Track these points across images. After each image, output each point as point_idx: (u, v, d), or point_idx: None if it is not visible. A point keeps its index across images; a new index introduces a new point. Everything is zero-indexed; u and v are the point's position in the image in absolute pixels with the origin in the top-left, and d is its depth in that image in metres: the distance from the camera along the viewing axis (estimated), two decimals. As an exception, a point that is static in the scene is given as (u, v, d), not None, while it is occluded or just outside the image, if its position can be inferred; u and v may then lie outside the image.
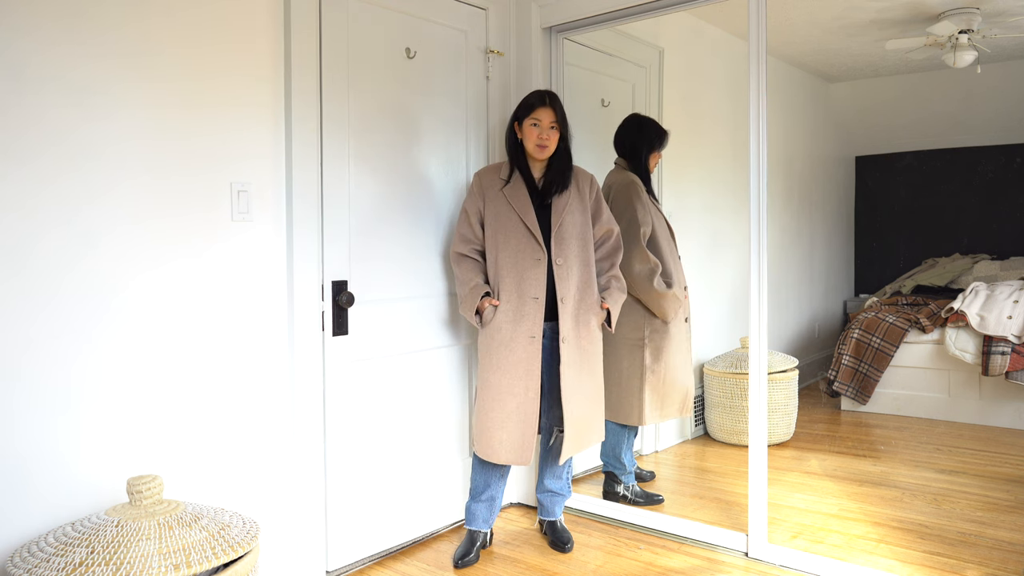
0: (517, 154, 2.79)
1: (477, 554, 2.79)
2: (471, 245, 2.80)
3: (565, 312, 2.71)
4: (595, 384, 2.82)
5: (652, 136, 3.20)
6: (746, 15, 2.70)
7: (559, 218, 2.73)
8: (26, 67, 1.89)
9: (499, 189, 2.77)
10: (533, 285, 2.69)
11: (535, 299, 2.68)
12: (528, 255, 2.70)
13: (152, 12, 2.13)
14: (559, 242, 2.72)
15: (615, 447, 3.20)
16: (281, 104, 2.46)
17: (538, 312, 2.68)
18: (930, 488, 3.36)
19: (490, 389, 2.72)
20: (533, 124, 2.70)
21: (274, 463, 2.48)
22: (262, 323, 2.43)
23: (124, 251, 2.09)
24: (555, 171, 2.76)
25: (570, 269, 2.72)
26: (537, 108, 2.70)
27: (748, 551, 2.77)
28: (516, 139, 2.79)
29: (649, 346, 3.08)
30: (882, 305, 4.94)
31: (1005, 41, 4.79)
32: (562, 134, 2.74)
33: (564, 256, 2.72)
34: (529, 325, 2.68)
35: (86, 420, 2.02)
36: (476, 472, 2.85)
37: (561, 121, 2.73)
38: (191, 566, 1.67)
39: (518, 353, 2.68)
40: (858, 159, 6.10)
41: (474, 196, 2.81)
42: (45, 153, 1.93)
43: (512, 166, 2.79)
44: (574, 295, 2.73)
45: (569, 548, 2.85)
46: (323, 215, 2.57)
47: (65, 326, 1.97)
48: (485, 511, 2.84)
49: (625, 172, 3.16)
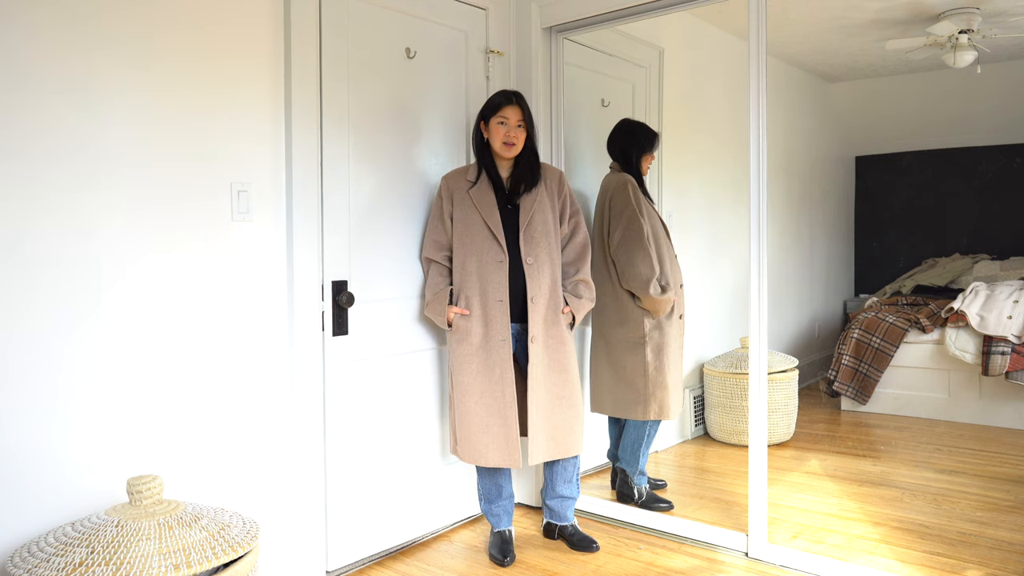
0: (484, 154, 2.78)
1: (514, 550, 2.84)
2: (441, 251, 2.81)
3: (536, 311, 2.70)
4: (568, 383, 2.77)
5: (642, 140, 3.21)
6: (746, 15, 2.70)
7: (527, 217, 2.73)
8: (25, 68, 1.89)
9: (466, 191, 2.76)
10: (497, 288, 2.69)
11: (500, 302, 2.68)
12: (491, 257, 2.70)
13: (152, 12, 2.13)
14: (528, 241, 2.72)
15: (635, 442, 3.21)
16: (281, 104, 2.46)
17: (504, 315, 2.68)
18: (930, 488, 3.36)
19: (469, 394, 2.71)
20: (500, 123, 2.70)
21: (274, 463, 2.48)
22: (262, 323, 2.43)
23: (124, 251, 2.09)
24: (522, 169, 2.76)
25: (541, 268, 2.72)
26: (504, 107, 2.70)
27: (748, 551, 2.77)
28: (483, 139, 2.78)
29: (651, 343, 3.09)
30: (882, 305, 4.94)
31: (1005, 41, 4.79)
32: (529, 133, 2.75)
33: (535, 255, 2.72)
34: (498, 328, 2.68)
35: (85, 420, 2.02)
36: (483, 478, 2.85)
37: (528, 120, 2.73)
38: (191, 566, 1.67)
39: (492, 356, 2.68)
40: (858, 159, 6.10)
41: (441, 200, 2.81)
42: (44, 155, 1.93)
43: (479, 167, 2.79)
44: (545, 294, 2.73)
45: (596, 548, 2.83)
46: (323, 215, 2.57)
47: (65, 325, 1.97)
48: (508, 508, 2.88)
49: (621, 173, 3.18)
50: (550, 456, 2.75)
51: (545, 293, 2.73)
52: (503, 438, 2.69)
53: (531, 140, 2.77)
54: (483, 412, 2.70)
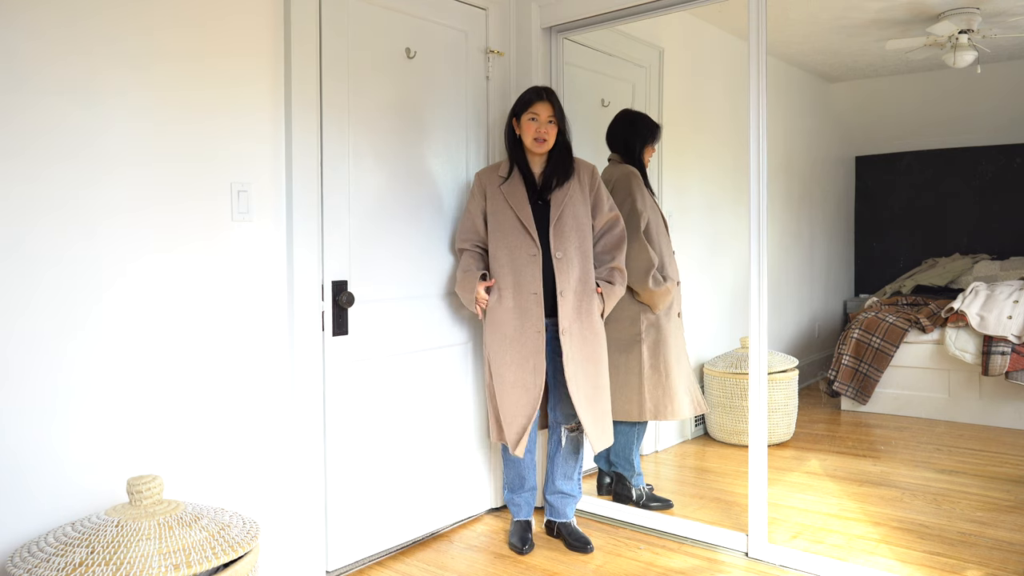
0: (516, 151, 2.82)
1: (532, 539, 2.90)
2: (472, 241, 2.88)
3: (565, 305, 2.74)
4: (603, 375, 2.83)
5: (645, 131, 3.20)
6: (746, 15, 2.70)
7: (558, 211, 2.76)
8: (25, 67, 1.89)
9: (498, 187, 2.80)
10: (530, 281, 2.73)
11: (534, 294, 2.73)
12: (523, 251, 2.74)
13: (152, 10, 2.13)
14: (558, 235, 2.75)
15: (625, 447, 3.20)
16: (281, 104, 2.46)
17: (539, 307, 2.73)
18: (930, 488, 3.36)
19: (505, 382, 2.78)
20: (531, 119, 2.75)
21: (274, 463, 2.48)
22: (262, 323, 2.43)
23: (125, 250, 2.09)
24: (554, 164, 2.80)
25: (570, 262, 2.75)
26: (534, 103, 2.74)
27: (748, 551, 2.77)
28: (515, 136, 2.82)
29: (646, 341, 3.08)
30: (882, 305, 4.94)
31: (1005, 41, 4.79)
32: (561, 128, 2.78)
33: (564, 249, 2.75)
34: (533, 320, 2.73)
35: (85, 419, 2.02)
36: (509, 467, 2.94)
37: (559, 115, 2.77)
38: (191, 566, 1.67)
39: (528, 347, 2.74)
40: (858, 159, 6.10)
41: (475, 196, 2.87)
42: (44, 154, 1.93)
43: (511, 163, 2.83)
44: (574, 288, 2.76)
45: (590, 549, 2.84)
46: (323, 215, 2.57)
47: (65, 324, 1.97)
48: (529, 500, 2.94)
49: (623, 164, 3.16)
50: (606, 443, 2.81)
51: (574, 287, 2.76)
52: (525, 429, 2.75)
53: (563, 135, 2.80)
54: (517, 401, 2.76)
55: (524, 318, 2.74)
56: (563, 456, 2.91)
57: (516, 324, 2.75)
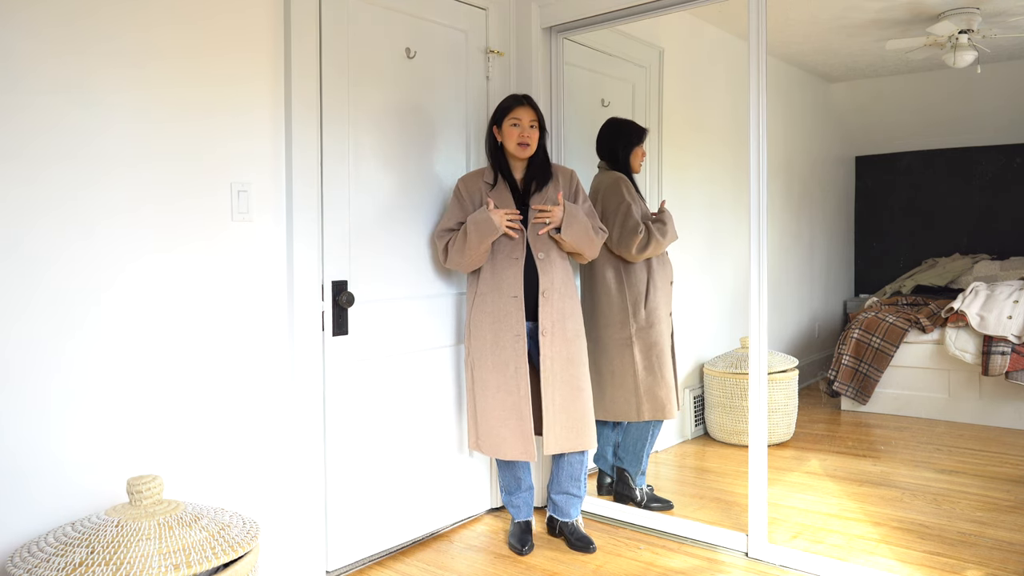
0: (498, 158, 2.83)
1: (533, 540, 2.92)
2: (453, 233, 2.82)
3: (547, 306, 2.75)
4: (583, 377, 2.81)
5: (628, 134, 3.21)
6: (746, 15, 2.70)
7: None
8: (22, 66, 1.89)
9: (484, 193, 2.81)
10: (512, 284, 2.74)
11: (514, 297, 2.74)
12: (506, 254, 2.76)
13: (149, 7, 2.13)
14: (540, 237, 2.77)
15: (638, 442, 3.20)
16: (281, 104, 2.46)
17: (518, 310, 2.73)
18: (930, 488, 3.36)
19: (487, 388, 2.78)
20: (513, 124, 2.75)
21: (274, 463, 2.48)
22: (262, 323, 2.43)
23: (124, 250, 2.09)
24: (535, 168, 2.82)
25: (552, 263, 2.78)
26: (515, 108, 2.76)
27: (748, 551, 2.77)
28: (496, 143, 2.83)
29: (638, 343, 3.08)
30: (882, 305, 4.94)
31: (1005, 41, 4.79)
32: (541, 133, 2.80)
33: (545, 250, 2.77)
34: (512, 323, 2.74)
35: (85, 420, 2.02)
36: (504, 471, 2.93)
37: (540, 120, 2.79)
38: (191, 566, 1.67)
39: (507, 352, 2.74)
40: (858, 159, 6.10)
41: (461, 199, 2.83)
42: (43, 154, 1.93)
43: (495, 170, 2.83)
44: (558, 288, 2.78)
45: (592, 549, 2.84)
46: (323, 215, 2.57)
47: (65, 324, 1.97)
48: (527, 500, 2.95)
49: (610, 171, 3.18)
50: (567, 447, 2.78)
51: (557, 287, 2.78)
52: (519, 432, 2.75)
53: (542, 140, 2.83)
54: (500, 407, 2.76)
55: (502, 321, 2.74)
56: (569, 457, 2.91)
57: (494, 328, 2.76)
